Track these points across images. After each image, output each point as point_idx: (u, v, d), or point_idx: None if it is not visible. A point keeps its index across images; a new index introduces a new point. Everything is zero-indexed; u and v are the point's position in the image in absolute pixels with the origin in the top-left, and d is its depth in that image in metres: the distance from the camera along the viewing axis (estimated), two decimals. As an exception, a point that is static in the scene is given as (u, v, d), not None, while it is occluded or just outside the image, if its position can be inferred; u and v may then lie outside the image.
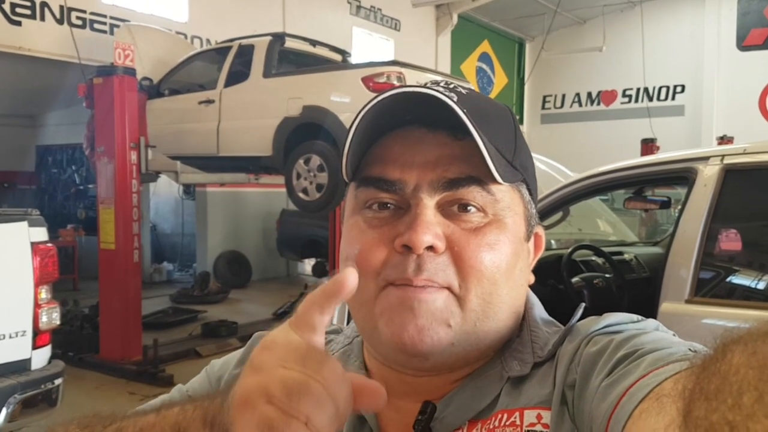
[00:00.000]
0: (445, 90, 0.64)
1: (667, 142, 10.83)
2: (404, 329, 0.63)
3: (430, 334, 0.63)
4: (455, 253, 0.64)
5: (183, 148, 6.79)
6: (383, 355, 0.69)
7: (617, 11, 15.56)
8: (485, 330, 0.65)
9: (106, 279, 6.21)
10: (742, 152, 2.54)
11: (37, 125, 12.89)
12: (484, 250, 0.64)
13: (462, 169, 0.65)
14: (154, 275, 11.05)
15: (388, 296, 0.64)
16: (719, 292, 2.50)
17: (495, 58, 16.71)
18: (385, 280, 0.65)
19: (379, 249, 0.65)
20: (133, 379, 5.68)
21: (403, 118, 0.67)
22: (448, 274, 0.63)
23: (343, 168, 0.68)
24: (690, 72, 15.18)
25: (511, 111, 0.73)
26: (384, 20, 13.31)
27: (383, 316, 0.65)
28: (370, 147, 0.68)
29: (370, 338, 0.70)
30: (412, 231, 0.62)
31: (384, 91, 0.64)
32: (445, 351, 0.64)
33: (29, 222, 3.48)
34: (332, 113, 5.56)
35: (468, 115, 0.61)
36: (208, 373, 0.82)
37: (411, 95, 0.63)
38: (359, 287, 0.65)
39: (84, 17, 8.17)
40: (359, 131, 0.65)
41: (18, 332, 3.40)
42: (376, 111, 0.64)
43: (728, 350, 0.38)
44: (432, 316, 0.63)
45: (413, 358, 0.65)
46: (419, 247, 0.62)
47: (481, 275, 0.64)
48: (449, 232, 0.64)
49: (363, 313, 0.67)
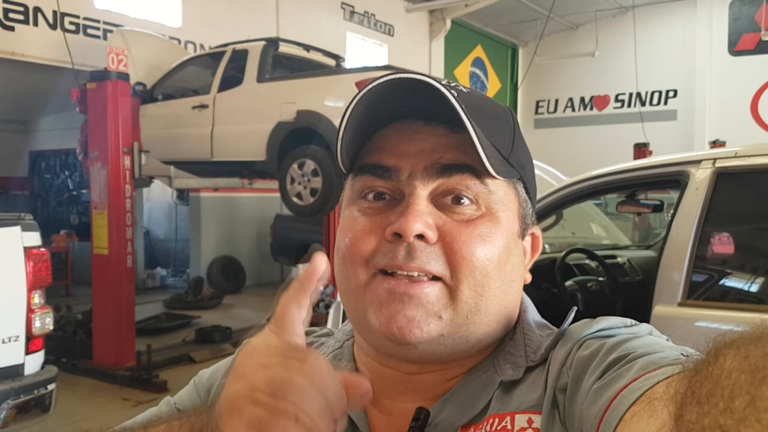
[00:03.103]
0: (444, 88, 0.64)
1: (659, 147, 10.88)
2: (393, 320, 0.63)
3: (420, 326, 0.63)
4: (447, 244, 0.64)
5: (177, 153, 6.77)
6: (373, 344, 0.69)
7: (609, 17, 15.63)
8: (476, 323, 0.65)
9: (99, 284, 6.18)
10: (734, 155, 2.55)
11: (30, 130, 12.84)
12: (476, 241, 0.64)
13: (457, 156, 0.65)
14: (147, 281, 11.00)
15: (377, 287, 0.64)
16: (712, 294, 2.51)
17: (488, 64, 16.74)
18: (375, 267, 0.64)
19: (369, 237, 0.65)
20: (127, 385, 5.65)
21: (399, 110, 0.67)
22: (439, 264, 0.63)
23: (339, 157, 0.68)
24: (682, 77, 15.25)
25: (512, 112, 0.73)
26: (377, 25, 13.32)
27: (372, 305, 0.64)
28: (368, 139, 0.68)
29: (359, 327, 0.70)
30: (402, 219, 0.63)
31: (379, 77, 0.64)
32: (434, 341, 0.64)
33: (22, 226, 3.46)
34: (326, 118, 5.56)
35: (464, 109, 0.61)
36: (196, 384, 0.81)
37: (407, 82, 0.62)
38: (349, 275, 0.66)
39: (77, 22, 8.15)
40: (355, 119, 0.65)
41: (11, 337, 3.38)
42: (371, 98, 0.64)
43: (720, 354, 0.38)
44: (423, 308, 0.63)
45: (402, 347, 0.64)
46: (409, 235, 0.62)
47: (472, 266, 0.64)
48: (441, 223, 0.64)
49: (353, 301, 0.67)
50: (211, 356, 6.23)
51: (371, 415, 0.68)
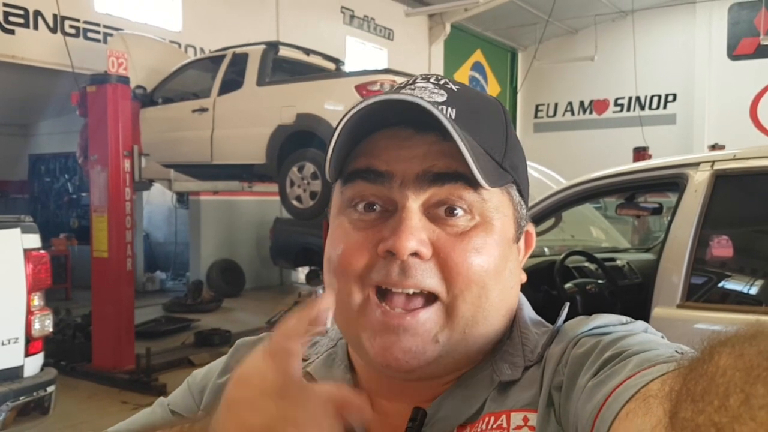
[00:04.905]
0: (435, 87, 0.63)
1: (659, 151, 10.85)
2: (388, 351, 0.62)
3: (416, 356, 0.62)
4: (441, 260, 0.62)
5: (176, 156, 6.78)
6: (366, 362, 0.68)
7: (609, 21, 15.65)
8: (474, 335, 0.65)
9: (98, 287, 6.17)
10: (732, 158, 2.55)
11: (30, 134, 12.85)
12: (471, 254, 0.63)
13: (450, 164, 0.63)
14: (146, 284, 10.99)
15: (371, 315, 0.63)
16: (711, 296, 2.51)
17: (488, 68, 16.77)
18: (370, 285, 0.63)
19: (361, 253, 0.64)
20: (126, 388, 5.63)
21: (388, 119, 0.65)
22: (435, 280, 0.62)
23: (327, 169, 0.66)
24: (681, 81, 15.28)
25: (502, 106, 0.71)
26: (377, 30, 13.34)
27: (366, 331, 0.64)
28: (356, 145, 0.67)
29: (353, 344, 0.69)
30: (396, 237, 0.61)
31: (368, 97, 0.63)
32: (432, 363, 0.63)
33: (22, 228, 3.46)
34: (326, 121, 5.57)
35: (455, 120, 0.60)
36: (189, 384, 0.81)
37: (395, 103, 0.61)
38: (341, 290, 0.65)
39: (77, 26, 8.17)
40: (344, 134, 0.64)
41: (10, 339, 3.38)
42: (361, 116, 0.63)
43: (715, 352, 0.38)
44: (419, 337, 0.62)
45: (399, 373, 0.64)
46: (403, 254, 0.61)
47: (468, 280, 0.63)
48: (435, 237, 0.63)
49: (345, 318, 0.66)
50: (210, 359, 6.10)
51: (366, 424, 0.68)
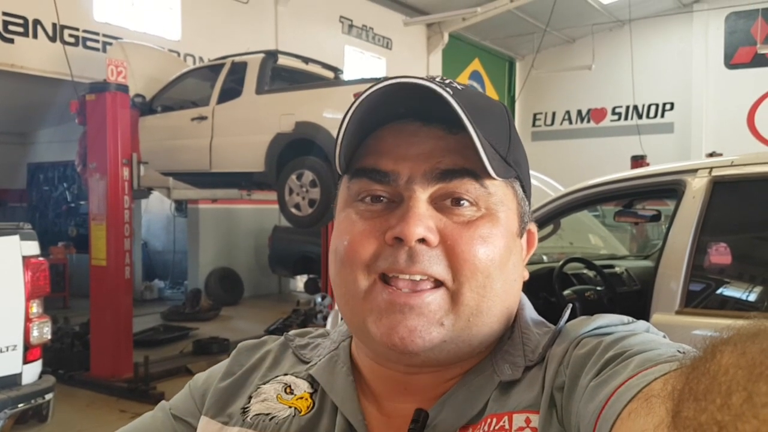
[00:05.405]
0: (440, 84, 0.64)
1: (656, 159, 10.85)
2: (394, 330, 0.62)
3: (422, 335, 0.62)
4: (448, 247, 0.63)
5: (175, 165, 6.78)
6: (372, 350, 0.68)
7: (606, 30, 15.72)
8: (478, 325, 0.65)
9: (97, 296, 6.16)
10: (730, 164, 2.56)
11: (29, 142, 12.83)
12: (477, 243, 0.64)
13: (456, 160, 0.64)
14: (145, 293, 10.97)
15: (377, 297, 0.64)
16: (709, 303, 2.51)
17: (486, 77, 16.81)
18: (376, 272, 0.64)
19: (369, 241, 0.64)
20: (124, 397, 5.61)
21: (397, 111, 0.66)
22: (441, 267, 0.63)
23: (336, 159, 0.67)
24: (679, 90, 15.33)
25: (506, 108, 0.72)
26: (376, 39, 13.39)
27: (372, 314, 0.64)
28: (364, 139, 0.67)
29: (358, 332, 0.69)
30: (404, 223, 0.62)
31: (378, 81, 0.64)
32: (436, 348, 0.63)
33: (21, 236, 3.46)
34: (324, 129, 5.58)
35: (463, 110, 0.61)
36: (191, 388, 0.81)
37: (406, 86, 0.62)
38: (348, 280, 0.65)
39: (77, 35, 8.18)
40: (353, 123, 0.64)
41: (9, 346, 3.37)
42: (371, 102, 0.63)
43: (717, 351, 0.38)
44: (424, 317, 0.62)
45: (404, 355, 0.64)
46: (411, 239, 0.61)
47: (474, 268, 0.63)
48: (442, 225, 0.64)
49: (351, 307, 0.66)
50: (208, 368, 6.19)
51: (369, 416, 0.68)
